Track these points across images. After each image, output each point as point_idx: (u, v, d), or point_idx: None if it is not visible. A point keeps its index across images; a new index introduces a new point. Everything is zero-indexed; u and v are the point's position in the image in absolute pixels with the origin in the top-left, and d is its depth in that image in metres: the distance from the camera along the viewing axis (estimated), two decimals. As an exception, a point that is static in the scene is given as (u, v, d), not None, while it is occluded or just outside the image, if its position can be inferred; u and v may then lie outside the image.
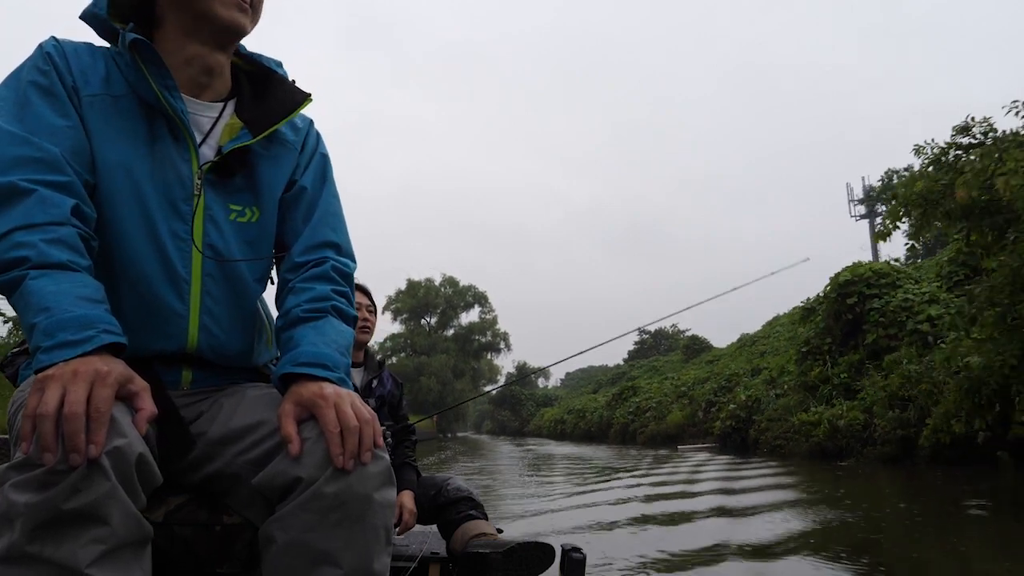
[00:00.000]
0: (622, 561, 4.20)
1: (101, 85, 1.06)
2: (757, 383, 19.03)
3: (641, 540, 5.00)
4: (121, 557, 0.81)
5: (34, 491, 0.77)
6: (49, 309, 0.87)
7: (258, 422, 1.03)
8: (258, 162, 1.16)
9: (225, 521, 1.04)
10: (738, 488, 8.32)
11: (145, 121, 1.08)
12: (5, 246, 0.91)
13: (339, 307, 1.14)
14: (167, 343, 1.08)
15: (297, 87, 1.23)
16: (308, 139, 1.25)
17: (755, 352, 26.46)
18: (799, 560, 4.23)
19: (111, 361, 0.86)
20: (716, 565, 4.15)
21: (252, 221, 1.15)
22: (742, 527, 5.51)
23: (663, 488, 8.68)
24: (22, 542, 0.76)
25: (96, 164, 1.04)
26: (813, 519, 5.81)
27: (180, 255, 1.07)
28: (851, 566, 4.00)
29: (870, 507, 6.61)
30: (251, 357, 1.20)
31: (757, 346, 27.80)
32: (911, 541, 4.99)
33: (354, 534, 0.91)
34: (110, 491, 0.79)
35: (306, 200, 1.21)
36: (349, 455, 0.92)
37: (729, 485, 8.74)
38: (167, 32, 1.10)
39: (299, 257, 1.17)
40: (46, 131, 0.99)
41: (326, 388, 0.98)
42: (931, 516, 6.08)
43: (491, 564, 2.12)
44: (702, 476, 10.35)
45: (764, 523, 5.64)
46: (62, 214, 0.94)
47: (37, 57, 1.06)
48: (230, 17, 1.08)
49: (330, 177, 1.27)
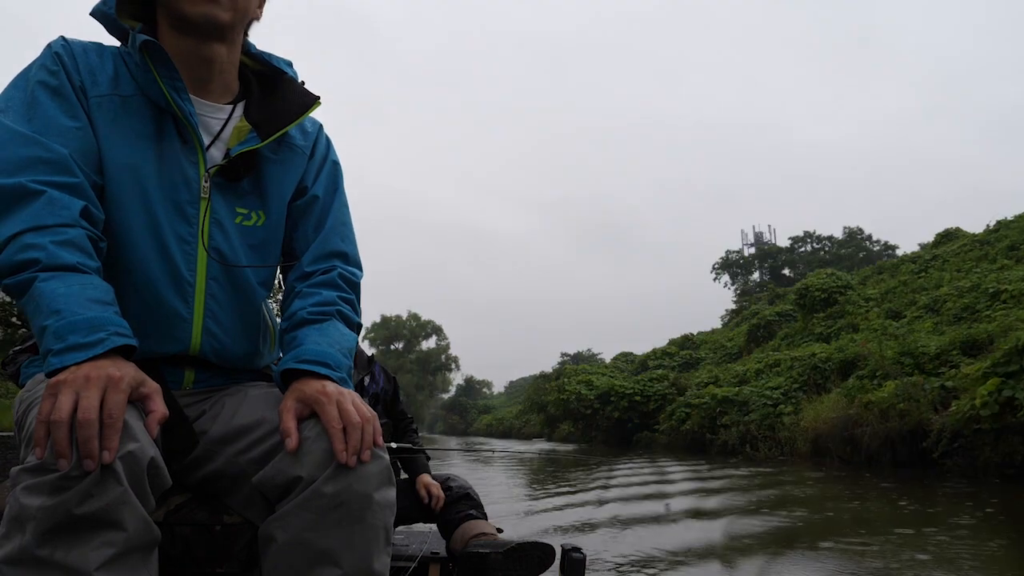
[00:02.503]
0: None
1: (109, 85, 1.05)
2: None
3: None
4: (129, 561, 0.81)
5: (47, 495, 0.77)
6: (59, 312, 0.86)
7: (259, 421, 1.03)
8: (266, 166, 1.15)
9: (225, 521, 1.04)
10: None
11: (153, 122, 1.07)
12: (15, 248, 0.90)
13: (344, 312, 1.14)
14: (171, 346, 1.08)
15: (306, 89, 1.21)
16: (318, 145, 1.24)
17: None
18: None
19: (123, 365, 0.86)
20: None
21: (258, 225, 1.15)
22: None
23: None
24: (32, 545, 0.76)
25: (104, 165, 1.03)
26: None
27: (185, 258, 1.07)
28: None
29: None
30: (254, 360, 1.20)
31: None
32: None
33: (354, 533, 0.91)
34: (122, 496, 0.79)
35: (318, 209, 1.21)
36: (352, 451, 0.92)
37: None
38: (162, 30, 1.09)
39: (308, 267, 1.17)
40: (55, 132, 0.98)
41: (328, 386, 0.98)
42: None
43: (491, 564, 2.12)
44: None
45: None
46: (71, 216, 0.94)
47: (46, 57, 1.05)
48: (199, 12, 1.04)
49: (341, 185, 1.27)
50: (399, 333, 72.52)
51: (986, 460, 8.64)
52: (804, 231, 61.45)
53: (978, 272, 20.31)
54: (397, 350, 72.27)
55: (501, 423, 54.53)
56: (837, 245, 59.85)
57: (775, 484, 9.13)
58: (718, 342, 34.31)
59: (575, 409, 25.70)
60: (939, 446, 9.44)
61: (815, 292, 25.21)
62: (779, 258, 61.50)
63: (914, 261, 27.95)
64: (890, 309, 21.16)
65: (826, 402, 13.15)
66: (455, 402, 79.66)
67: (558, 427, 30.39)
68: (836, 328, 22.39)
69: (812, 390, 15.11)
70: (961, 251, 24.97)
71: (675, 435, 19.03)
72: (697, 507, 6.85)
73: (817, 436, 12.39)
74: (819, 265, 51.20)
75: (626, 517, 6.10)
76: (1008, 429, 8.22)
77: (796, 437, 13.42)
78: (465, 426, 73.84)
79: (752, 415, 15.78)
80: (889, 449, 10.46)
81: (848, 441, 11.34)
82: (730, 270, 63.39)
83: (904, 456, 10.25)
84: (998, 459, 8.45)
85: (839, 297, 24.64)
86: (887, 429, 10.51)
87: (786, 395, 15.88)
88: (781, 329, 27.29)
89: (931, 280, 22.59)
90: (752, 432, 15.13)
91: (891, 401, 10.78)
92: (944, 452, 9.38)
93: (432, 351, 73.17)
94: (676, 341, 37.37)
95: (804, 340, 23.13)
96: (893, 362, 12.59)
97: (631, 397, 23.80)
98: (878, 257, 51.18)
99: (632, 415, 23.49)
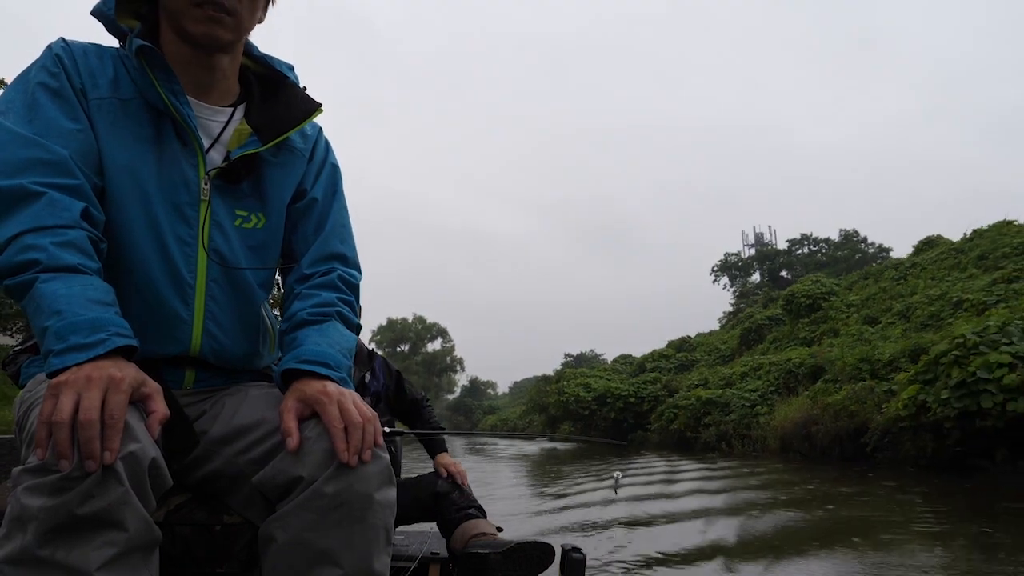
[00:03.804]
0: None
1: (109, 88, 1.05)
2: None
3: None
4: (130, 561, 0.81)
5: (48, 496, 0.77)
6: (60, 312, 0.86)
7: (259, 421, 1.03)
8: (266, 169, 1.15)
9: (225, 521, 1.04)
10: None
11: (152, 125, 1.07)
12: (15, 249, 0.90)
13: (344, 314, 1.15)
14: (171, 346, 1.08)
15: (308, 95, 1.22)
16: (317, 148, 1.24)
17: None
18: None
19: (124, 365, 0.86)
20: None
21: (258, 227, 1.15)
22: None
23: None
24: (33, 545, 0.76)
25: (104, 167, 1.03)
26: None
27: (185, 260, 1.07)
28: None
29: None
30: (253, 361, 1.20)
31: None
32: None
33: (355, 534, 0.91)
34: (123, 496, 0.80)
35: (317, 211, 1.21)
36: (353, 451, 0.92)
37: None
38: (166, 36, 1.10)
39: (308, 269, 1.18)
40: (55, 133, 0.98)
41: (329, 386, 0.99)
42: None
43: (491, 564, 2.13)
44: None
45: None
46: (72, 217, 0.94)
47: (46, 58, 1.05)
48: (203, 33, 1.05)
49: (340, 188, 1.27)
50: (405, 336, 74.90)
51: (905, 453, 10.25)
52: (801, 233, 62.31)
53: (949, 280, 21.22)
54: (403, 352, 74.39)
55: (505, 423, 56.03)
56: (833, 247, 60.80)
57: (736, 476, 10.64)
58: (713, 344, 35.08)
59: (574, 410, 27.22)
60: (872, 441, 11.05)
61: (800, 298, 26.54)
62: (777, 260, 62.50)
63: (896, 268, 28.66)
64: (867, 315, 22.06)
65: (794, 404, 14.66)
66: (460, 403, 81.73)
67: (559, 427, 31.82)
68: (819, 333, 23.40)
69: (786, 393, 16.58)
70: (938, 259, 25.57)
71: (664, 434, 20.51)
72: (632, 487, 8.34)
73: (784, 434, 13.92)
74: (816, 267, 52.37)
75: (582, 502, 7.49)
76: (922, 427, 9.80)
77: (767, 435, 14.92)
78: (470, 426, 75.44)
79: (732, 415, 17.26)
80: (838, 445, 12.07)
81: (806, 438, 12.89)
82: (729, 272, 64.40)
83: (850, 451, 11.83)
84: (914, 452, 10.05)
85: (823, 303, 25.92)
86: (837, 428, 12.11)
87: (763, 397, 17.36)
88: (771, 333, 28.29)
89: (908, 287, 23.36)
90: (729, 431, 16.63)
91: (843, 403, 12.31)
92: (876, 447, 10.99)
93: (437, 353, 75.59)
94: (674, 343, 38.28)
95: (789, 344, 24.22)
96: (853, 368, 14.04)
97: (626, 399, 25.31)
98: (872, 260, 52.06)
99: (627, 415, 24.98)
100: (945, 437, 9.30)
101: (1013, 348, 8.64)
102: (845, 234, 62.01)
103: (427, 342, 76.70)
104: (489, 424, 64.80)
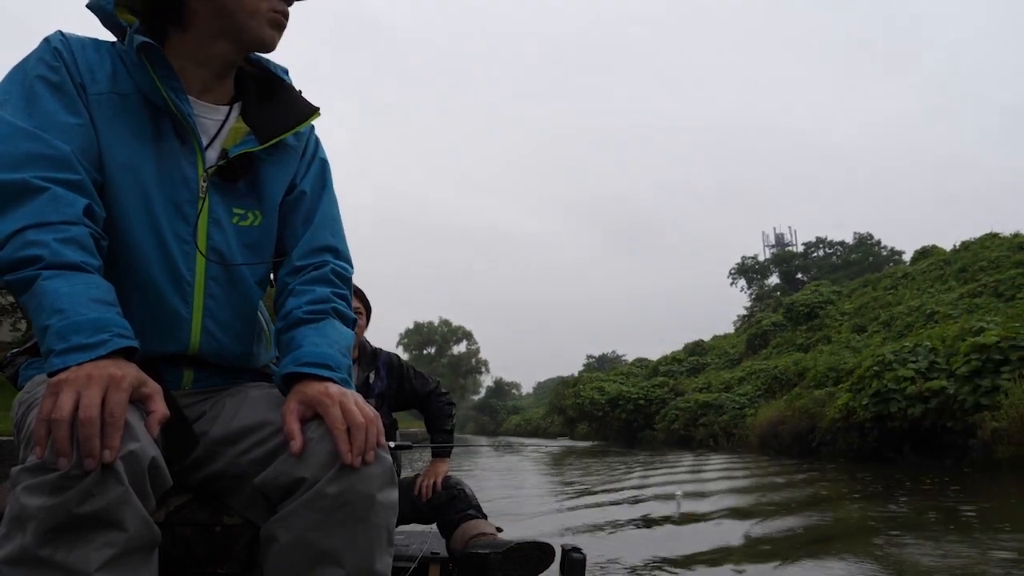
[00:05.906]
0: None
1: (108, 83, 1.04)
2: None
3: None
4: (130, 561, 0.81)
5: (47, 495, 0.77)
6: (62, 311, 0.86)
7: (261, 422, 1.03)
8: (261, 167, 1.15)
9: (225, 521, 1.04)
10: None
11: (151, 122, 1.06)
12: (17, 244, 0.89)
13: (339, 309, 1.15)
14: (170, 345, 1.08)
15: (305, 99, 1.22)
16: (309, 143, 1.24)
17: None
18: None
19: (124, 365, 0.86)
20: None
21: (254, 225, 1.15)
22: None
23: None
24: (33, 545, 0.76)
25: (103, 163, 1.02)
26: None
27: (184, 258, 1.07)
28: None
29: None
30: (251, 359, 1.21)
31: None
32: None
33: (357, 534, 0.92)
34: (123, 495, 0.79)
35: (306, 204, 1.21)
36: (357, 452, 0.93)
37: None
38: (194, 32, 1.08)
39: (299, 261, 1.17)
40: (56, 128, 0.97)
41: (331, 387, 0.99)
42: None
43: (491, 564, 2.14)
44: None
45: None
46: (75, 213, 0.93)
47: (44, 51, 1.03)
48: (267, 36, 1.08)
49: (329, 182, 1.27)
50: (431, 338, 77.80)
51: (838, 448, 12.82)
52: (816, 236, 63.49)
53: (930, 292, 22.45)
54: (429, 355, 77.40)
55: (529, 423, 58.67)
56: (848, 251, 61.88)
57: (710, 468, 12.96)
58: (723, 348, 36.65)
59: (589, 412, 29.74)
60: (816, 438, 13.57)
61: (800, 307, 28.66)
62: (793, 263, 63.70)
63: (890, 277, 29.75)
64: (857, 324, 23.64)
65: (773, 406, 17.02)
66: (485, 403, 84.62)
67: (576, 427, 34.28)
68: (814, 339, 25.20)
69: (769, 396, 18.93)
70: (928, 270, 26.32)
71: (668, 433, 22.90)
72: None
73: (761, 432, 16.29)
74: (830, 271, 53.60)
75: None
76: (851, 428, 12.37)
77: (749, 434, 17.27)
78: (495, 426, 78.16)
79: (724, 416, 19.63)
80: (797, 442, 14.51)
81: (774, 436, 15.30)
82: (746, 275, 65.68)
83: (804, 447, 14.33)
84: (845, 447, 12.59)
85: (820, 311, 27.97)
86: (798, 427, 14.47)
87: (751, 400, 19.71)
88: (775, 338, 29.82)
89: (896, 297, 24.49)
90: (718, 430, 19.02)
91: (805, 406, 14.66)
92: (819, 443, 13.55)
93: (463, 355, 78.34)
94: (688, 347, 40.08)
95: (788, 350, 26.02)
96: (823, 375, 16.32)
97: (636, 401, 27.75)
98: (885, 263, 53.22)
99: (637, 416, 27.47)
100: (866, 435, 11.88)
101: (917, 365, 11.08)
102: (859, 237, 63.12)
103: (453, 345, 79.37)
104: (513, 424, 67.41)
